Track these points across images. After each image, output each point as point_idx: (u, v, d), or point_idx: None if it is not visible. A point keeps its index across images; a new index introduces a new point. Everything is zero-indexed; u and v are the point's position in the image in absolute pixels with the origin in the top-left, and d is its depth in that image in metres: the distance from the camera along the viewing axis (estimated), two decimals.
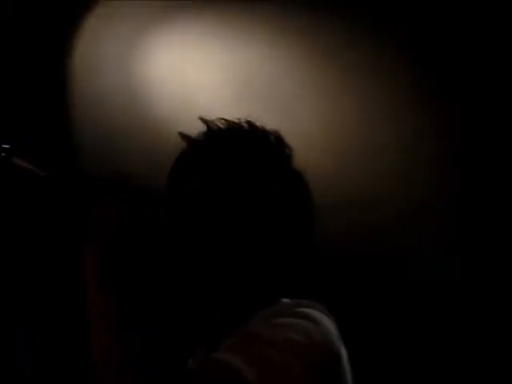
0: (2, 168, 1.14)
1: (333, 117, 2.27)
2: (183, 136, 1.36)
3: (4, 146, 1.16)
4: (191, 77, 2.35)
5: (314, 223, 1.38)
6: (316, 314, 1.23)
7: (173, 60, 2.37)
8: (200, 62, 2.34)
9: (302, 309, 1.24)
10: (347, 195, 2.26)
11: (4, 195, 1.17)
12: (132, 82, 2.42)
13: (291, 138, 2.21)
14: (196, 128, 1.34)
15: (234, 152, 1.34)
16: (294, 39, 2.28)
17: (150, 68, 2.40)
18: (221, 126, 1.35)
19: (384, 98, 2.26)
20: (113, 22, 2.41)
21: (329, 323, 1.23)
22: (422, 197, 2.24)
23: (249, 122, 1.36)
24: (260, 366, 1.12)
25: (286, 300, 1.33)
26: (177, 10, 2.35)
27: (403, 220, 2.24)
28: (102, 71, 2.45)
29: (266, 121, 1.34)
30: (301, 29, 2.27)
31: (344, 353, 1.24)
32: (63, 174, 1.24)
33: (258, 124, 1.36)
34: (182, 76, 2.36)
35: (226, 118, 1.36)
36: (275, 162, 1.36)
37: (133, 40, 2.40)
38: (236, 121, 1.36)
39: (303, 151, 2.18)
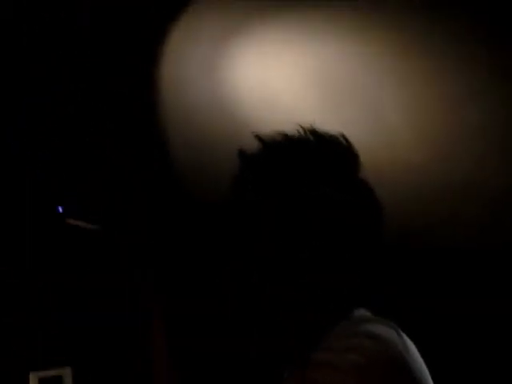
0: (58, 230, 1.16)
1: (419, 106, 2.26)
2: (240, 153, 1.32)
3: (58, 210, 1.20)
4: (276, 82, 2.38)
5: (383, 230, 1.32)
6: (376, 328, 1.21)
7: (256, 67, 2.40)
8: (282, 66, 2.35)
9: (364, 326, 1.22)
10: (442, 184, 2.25)
11: (63, 255, 1.19)
12: (219, 90, 2.46)
13: (379, 132, 2.24)
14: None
15: (291, 163, 1.29)
16: (372, 34, 2.27)
17: (236, 75, 2.45)
18: (277, 138, 1.30)
19: (471, 83, 2.23)
20: (198, 31, 2.46)
21: (394, 337, 1.20)
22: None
23: (312, 131, 1.31)
24: None
25: (357, 312, 1.30)
26: (257, 17, 2.38)
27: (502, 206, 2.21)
28: (188, 80, 2.50)
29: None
30: (379, 22, 2.26)
31: (415, 365, 1.19)
32: (115, 225, 1.25)
33: (323, 132, 1.31)
34: (266, 82, 2.39)
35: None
36: (340, 171, 1.30)
37: (217, 48, 2.45)
38: (298, 131, 1.31)
39: (392, 145, 2.21)
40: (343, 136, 1.31)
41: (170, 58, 2.44)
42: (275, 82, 2.38)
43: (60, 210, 1.21)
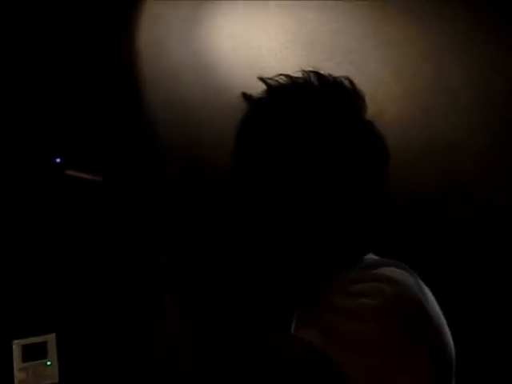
0: (57, 182, 1.13)
1: (403, 65, 2.25)
2: (245, 96, 1.30)
3: (55, 161, 1.16)
4: (256, 42, 2.37)
5: (389, 174, 1.32)
6: (394, 273, 1.20)
7: (236, 28, 2.39)
8: (262, 26, 2.34)
9: (377, 270, 1.22)
10: (428, 137, 2.24)
11: (63, 207, 1.16)
12: (199, 54, 2.44)
13: (364, 87, 2.22)
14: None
15: (298, 106, 1.27)
16: None
17: (215, 38, 2.43)
18: (282, 81, 1.29)
19: (455, 44, 2.24)
20: None
21: (409, 280, 1.20)
22: (497, 139, 2.21)
23: (316, 73, 1.29)
24: (335, 338, 1.11)
25: (368, 258, 1.30)
26: None
27: (482, 161, 2.22)
28: (168, 47, 2.48)
29: (336, 74, 1.31)
30: None
31: (432, 311, 1.19)
32: (119, 177, 1.22)
33: (325, 74, 1.29)
34: (246, 42, 2.37)
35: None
36: (346, 112, 1.28)
37: (195, 12, 2.42)
38: (301, 74, 1.29)
39: (375, 100, 2.20)
40: (348, 79, 1.30)
41: (150, 18, 2.42)
42: (257, 41, 2.36)
43: (58, 160, 1.16)
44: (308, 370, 1.10)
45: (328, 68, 1.34)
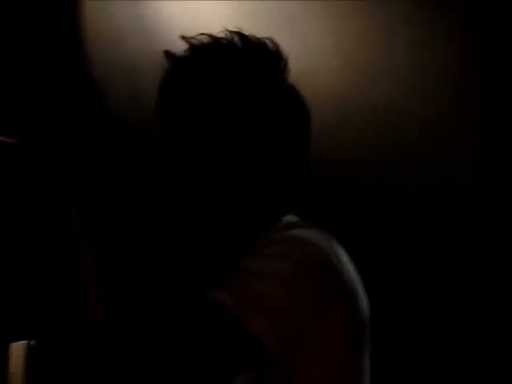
0: None
1: (343, 37, 2.29)
2: (167, 54, 1.30)
3: None
4: (204, 12, 2.36)
5: (310, 138, 1.33)
6: (306, 233, 1.21)
7: None
8: None
9: (290, 232, 1.22)
10: (367, 110, 2.29)
11: None
12: (144, 20, 2.44)
13: (302, 58, 2.26)
14: None
15: (219, 64, 1.28)
16: None
17: (161, 4, 2.42)
18: (204, 40, 1.29)
19: (395, 17, 2.27)
20: None
21: (323, 242, 1.20)
22: (441, 112, 2.26)
23: (238, 33, 1.30)
24: (246, 301, 1.11)
25: (285, 219, 1.30)
26: None
27: (423, 135, 2.26)
28: (114, 10, 2.47)
29: (282, 46, 1.33)
30: None
31: (343, 270, 1.19)
32: (34, 141, 1.19)
33: (248, 34, 1.30)
34: (194, 7, 2.38)
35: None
36: (268, 73, 1.29)
37: None
38: (224, 33, 1.30)
39: (316, 71, 2.23)
40: (271, 40, 1.31)
41: None
42: (203, 11, 2.36)
43: None
44: (218, 329, 1.09)
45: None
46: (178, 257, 1.34)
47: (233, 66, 1.28)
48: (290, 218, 1.31)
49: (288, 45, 1.31)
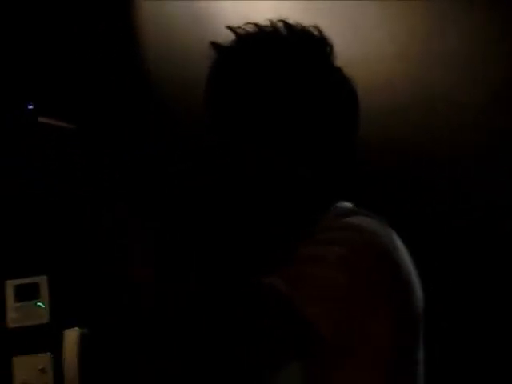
0: (29, 129, 1.12)
1: (398, 25, 2.27)
2: (214, 45, 1.30)
3: (28, 107, 1.14)
4: (254, 5, 2.35)
5: (359, 123, 1.33)
6: (364, 221, 1.20)
7: None
8: None
9: (347, 219, 1.21)
10: (414, 100, 2.26)
11: (35, 154, 1.14)
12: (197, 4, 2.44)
13: (358, 46, 2.24)
14: None
15: (266, 54, 1.27)
16: None
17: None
18: (250, 30, 1.29)
19: (449, 6, 2.24)
20: None
21: (380, 230, 1.20)
22: (490, 102, 2.23)
23: (283, 22, 1.29)
24: (300, 286, 1.10)
25: (339, 206, 1.29)
26: None
27: (480, 118, 2.23)
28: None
29: (331, 31, 1.33)
30: None
31: (400, 260, 1.19)
32: (92, 126, 1.19)
33: (293, 23, 1.29)
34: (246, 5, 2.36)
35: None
36: (314, 60, 1.28)
37: None
38: (268, 23, 1.29)
39: (369, 59, 2.22)
40: (316, 27, 1.30)
41: None
42: (256, 7, 2.34)
43: (30, 107, 1.15)
44: (271, 314, 1.10)
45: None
46: (223, 248, 1.34)
47: (278, 55, 1.27)
48: (344, 204, 1.31)
49: (341, 34, 1.32)
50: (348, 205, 1.31)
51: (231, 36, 1.30)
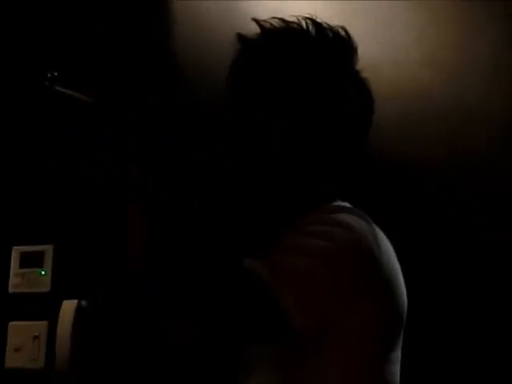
0: (46, 96, 1.13)
1: (428, 29, 2.26)
2: (239, 37, 1.32)
3: (49, 74, 1.14)
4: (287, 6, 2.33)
5: (370, 126, 1.34)
6: (349, 218, 1.21)
7: None
8: None
9: (335, 215, 1.23)
10: (443, 106, 2.24)
11: (51, 122, 1.15)
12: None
13: (387, 49, 2.22)
14: None
15: (288, 50, 1.29)
16: None
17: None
18: (276, 24, 1.31)
19: (481, 13, 2.22)
20: None
21: (364, 228, 1.21)
22: None
23: (310, 19, 1.31)
24: (280, 272, 1.13)
25: (336, 204, 1.31)
26: None
27: (505, 137, 2.21)
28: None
29: (362, 32, 1.32)
30: None
31: (383, 259, 1.20)
32: (110, 99, 1.21)
33: (321, 21, 1.31)
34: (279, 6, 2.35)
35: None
36: (336, 61, 1.31)
37: None
38: (295, 18, 1.31)
39: (400, 63, 2.20)
40: (342, 28, 1.32)
41: None
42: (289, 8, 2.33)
43: (50, 75, 1.15)
44: (249, 298, 1.13)
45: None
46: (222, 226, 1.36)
47: (302, 52, 1.29)
48: (340, 203, 1.33)
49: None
50: (344, 204, 1.33)
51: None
